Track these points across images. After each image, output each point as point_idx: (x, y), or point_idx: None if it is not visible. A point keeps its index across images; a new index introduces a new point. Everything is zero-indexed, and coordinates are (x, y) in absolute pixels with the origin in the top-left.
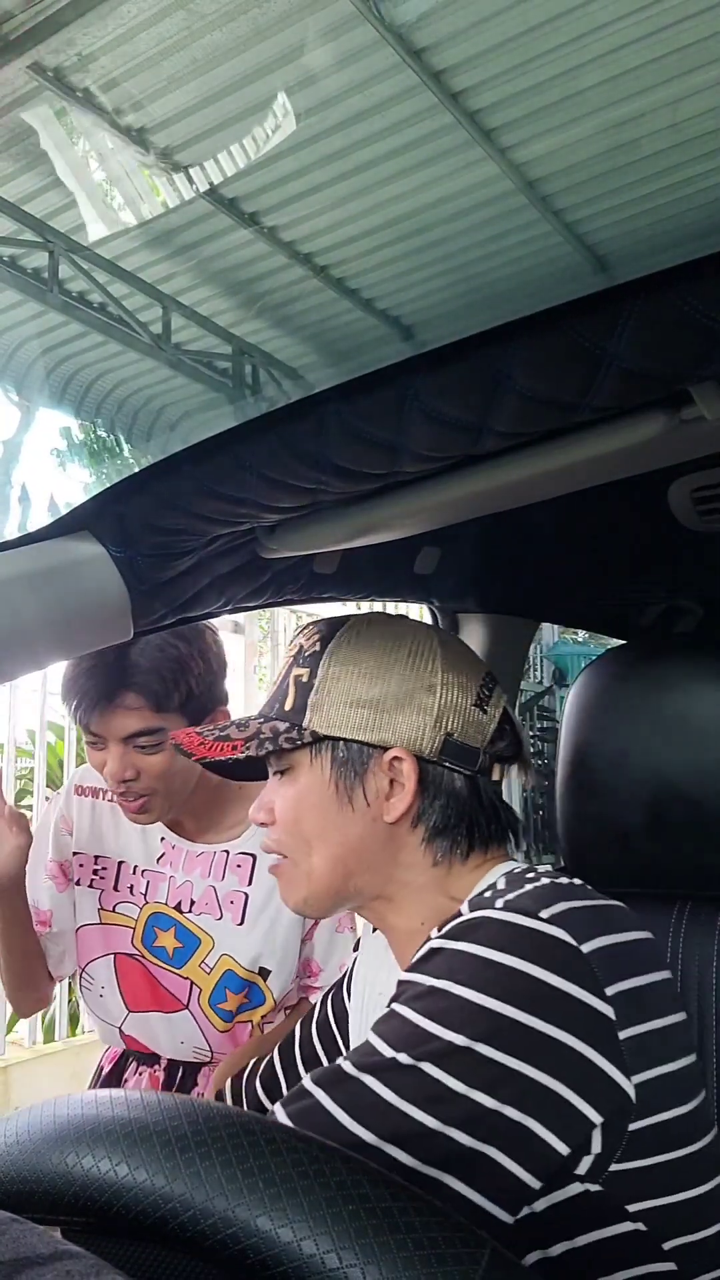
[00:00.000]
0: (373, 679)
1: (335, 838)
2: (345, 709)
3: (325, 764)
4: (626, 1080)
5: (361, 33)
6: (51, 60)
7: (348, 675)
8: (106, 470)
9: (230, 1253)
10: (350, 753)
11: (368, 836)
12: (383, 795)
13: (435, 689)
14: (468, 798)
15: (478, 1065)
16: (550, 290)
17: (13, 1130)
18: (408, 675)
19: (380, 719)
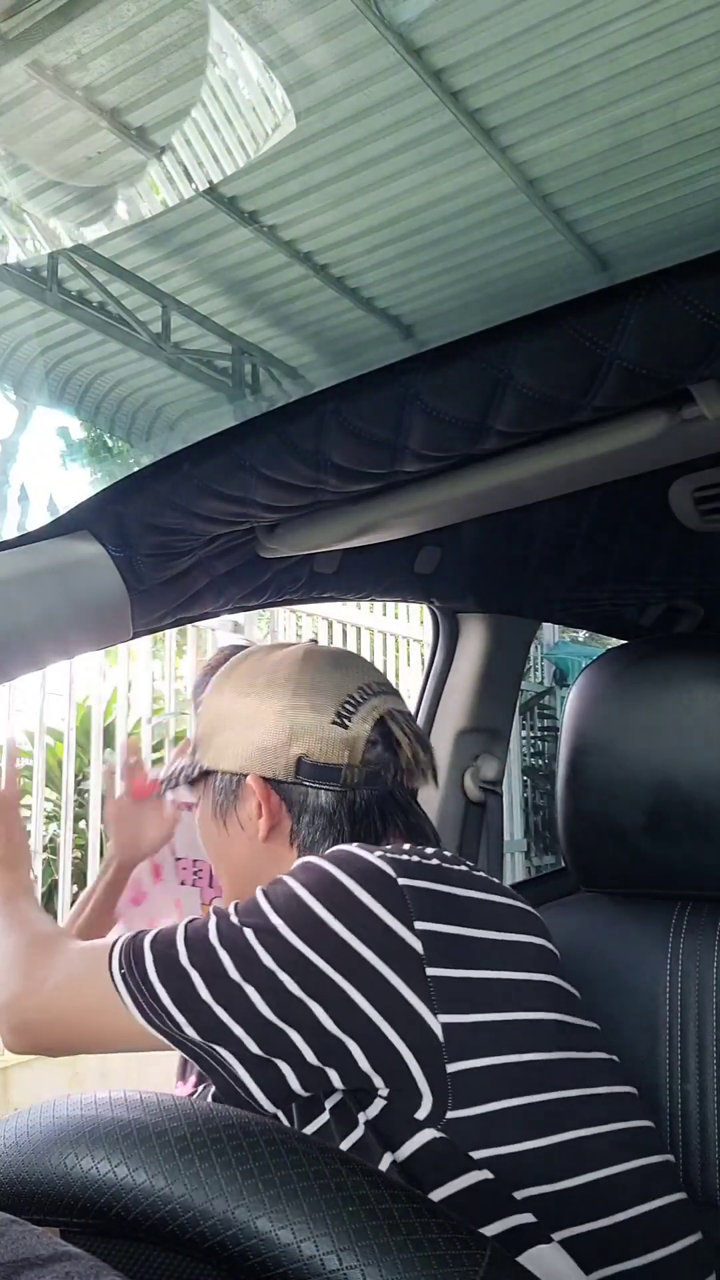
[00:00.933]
0: (232, 711)
1: (228, 858)
2: (217, 741)
3: (210, 794)
4: (434, 1019)
5: (361, 31)
6: (51, 59)
7: (216, 710)
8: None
9: (230, 1254)
10: (223, 782)
11: (250, 855)
12: (253, 817)
13: (284, 713)
14: (334, 812)
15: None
16: (551, 289)
17: (13, 1131)
18: (260, 704)
19: (237, 748)
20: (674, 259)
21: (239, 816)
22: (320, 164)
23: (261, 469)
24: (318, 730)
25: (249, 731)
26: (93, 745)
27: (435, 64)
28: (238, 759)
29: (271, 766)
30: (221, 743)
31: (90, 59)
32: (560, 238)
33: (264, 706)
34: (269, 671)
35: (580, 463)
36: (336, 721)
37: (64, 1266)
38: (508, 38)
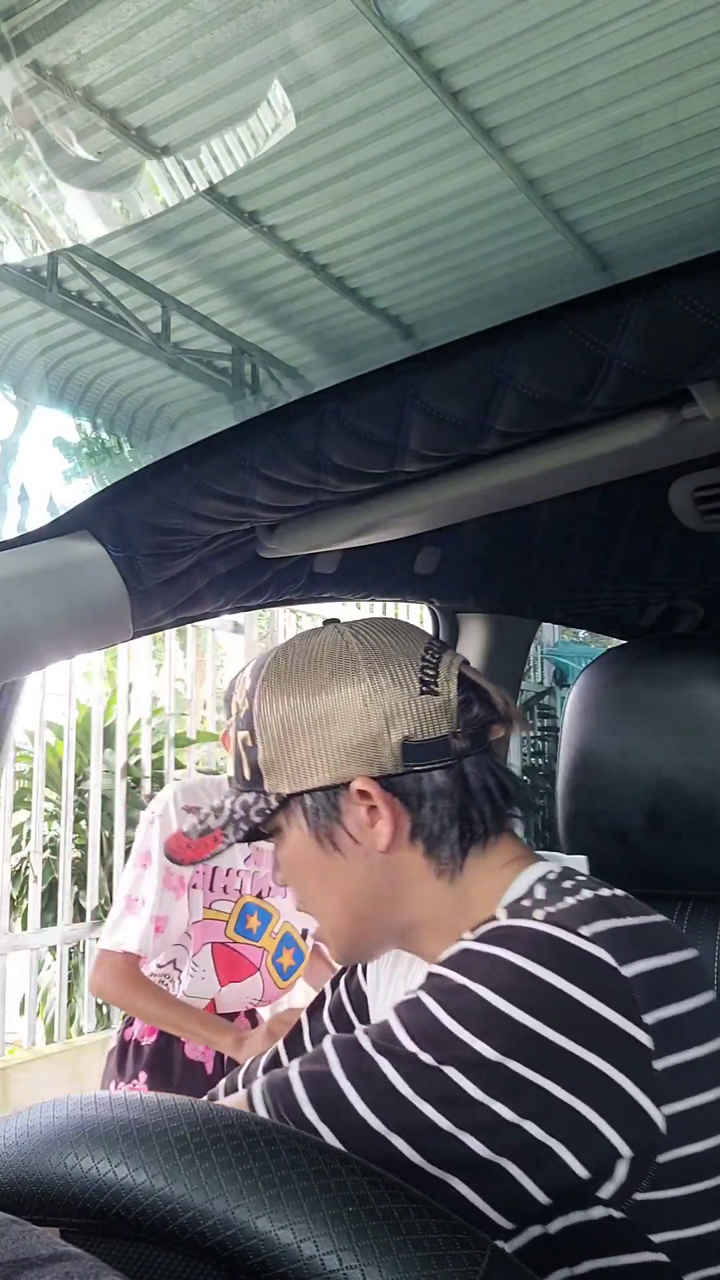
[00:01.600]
0: (302, 718)
1: (338, 886)
2: (292, 760)
3: (300, 821)
4: (658, 1111)
5: (361, 31)
6: (51, 59)
7: (279, 725)
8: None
9: (230, 1254)
10: (318, 801)
11: (369, 873)
12: (366, 827)
13: (369, 698)
14: (455, 790)
15: (504, 1079)
16: (550, 289)
17: (12, 1131)
18: (335, 698)
19: (327, 757)
20: (674, 259)
21: (348, 832)
22: (320, 164)
23: (261, 469)
24: (411, 705)
25: (333, 732)
26: (93, 745)
27: (435, 64)
28: (330, 768)
29: (376, 761)
30: (300, 758)
31: (90, 59)
32: (560, 238)
33: (341, 699)
34: (326, 661)
35: (580, 463)
36: (425, 690)
37: (64, 1266)
38: (508, 38)
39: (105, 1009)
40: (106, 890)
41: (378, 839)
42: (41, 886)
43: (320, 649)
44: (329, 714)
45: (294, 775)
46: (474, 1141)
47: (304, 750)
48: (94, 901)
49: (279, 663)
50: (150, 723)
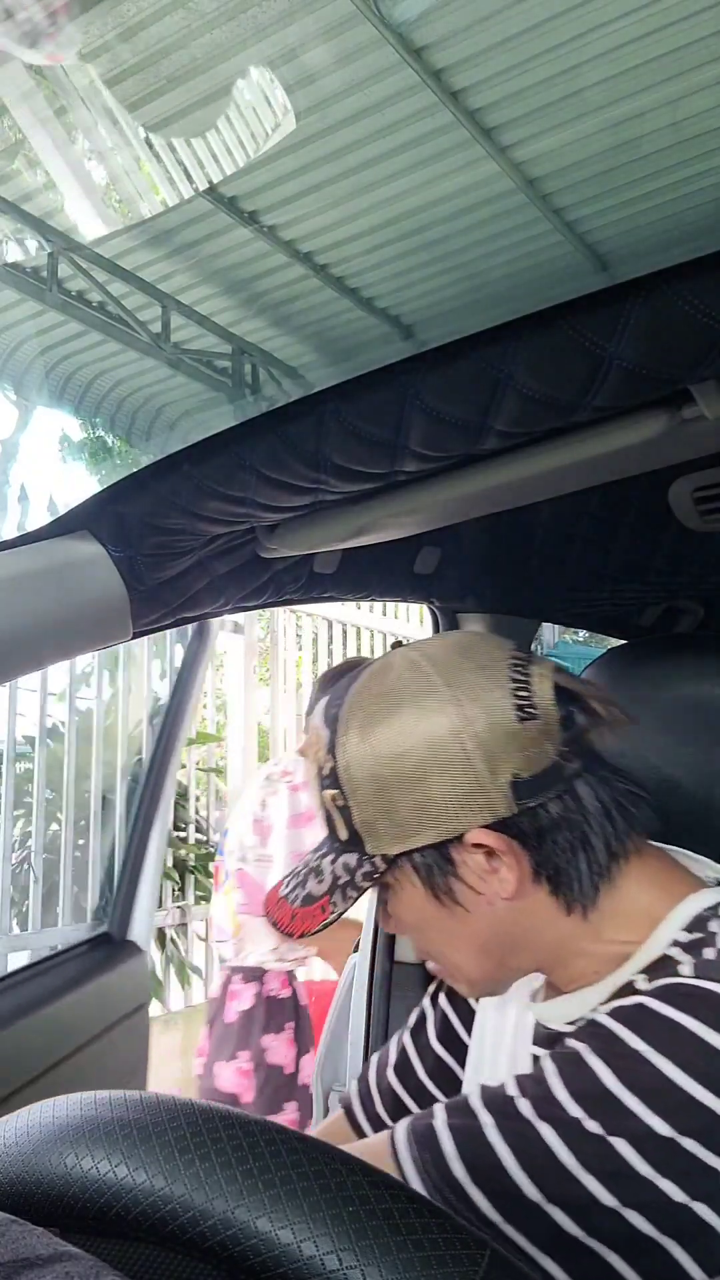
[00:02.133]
0: (396, 773)
1: (465, 939)
2: (395, 820)
3: (412, 879)
4: None
5: (361, 31)
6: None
7: (371, 783)
8: (106, 470)
9: (230, 1254)
10: (428, 857)
11: (496, 924)
12: (486, 874)
13: (464, 741)
14: (573, 818)
15: (679, 1157)
16: (550, 289)
17: (12, 1131)
18: (427, 746)
19: (434, 812)
20: (674, 259)
21: (467, 884)
22: (320, 164)
23: (261, 469)
24: (512, 739)
25: (433, 784)
26: (93, 746)
27: (435, 64)
28: (437, 824)
29: (487, 808)
30: (402, 817)
31: (90, 59)
32: (560, 238)
33: (434, 746)
34: (408, 702)
35: (580, 463)
36: (523, 716)
37: (64, 1266)
38: (508, 38)
39: None
40: (107, 891)
41: (503, 886)
42: (42, 888)
43: (399, 688)
44: (424, 765)
45: (398, 835)
46: (639, 1219)
47: (405, 809)
48: (94, 902)
49: (356, 710)
50: (152, 722)
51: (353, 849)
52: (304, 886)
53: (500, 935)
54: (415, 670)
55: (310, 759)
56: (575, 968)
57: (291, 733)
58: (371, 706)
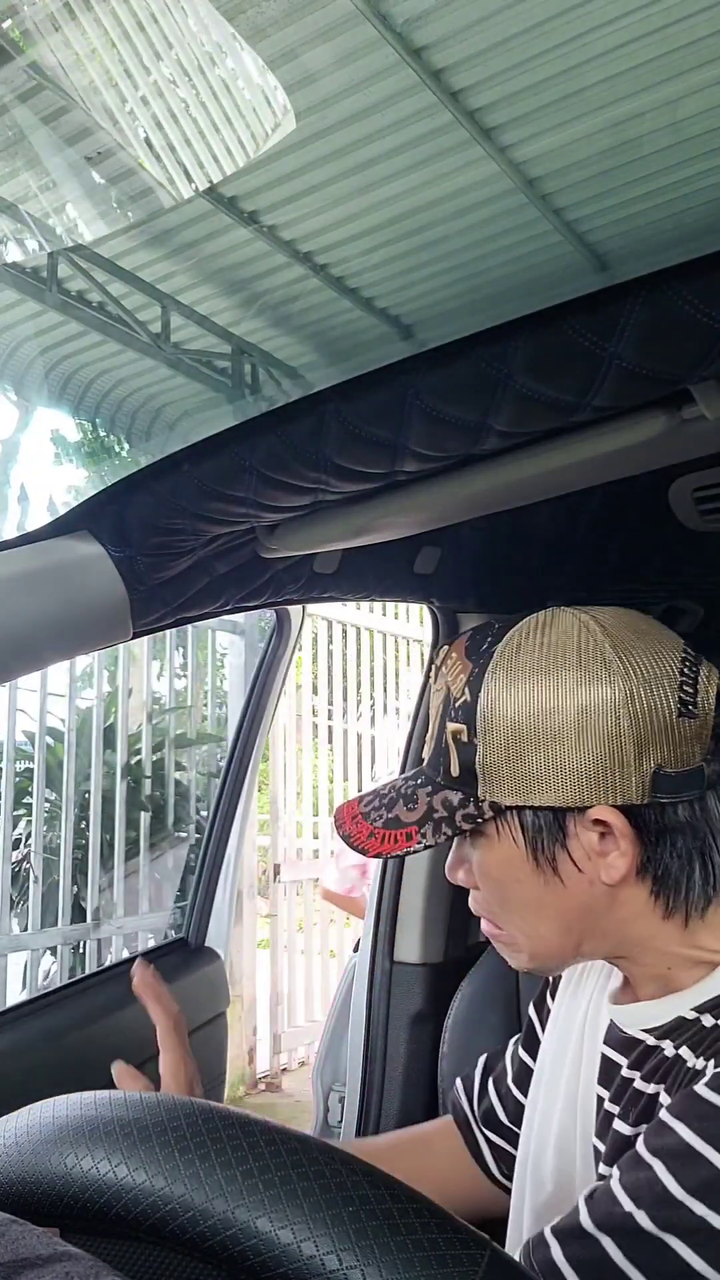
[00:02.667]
0: (541, 726)
1: (553, 911)
2: (521, 770)
3: (516, 834)
4: None
5: (361, 31)
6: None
7: (509, 727)
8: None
9: (230, 1254)
10: (542, 819)
11: (590, 904)
12: (594, 854)
13: (623, 716)
14: (698, 826)
15: None
16: (550, 290)
17: (12, 1130)
18: (584, 711)
19: (567, 776)
20: (674, 259)
21: (573, 858)
22: (320, 164)
23: (261, 469)
24: (668, 729)
25: (576, 749)
26: (93, 746)
27: (435, 64)
28: (566, 788)
29: (621, 789)
30: (530, 770)
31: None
32: (560, 238)
33: (592, 714)
34: (574, 663)
35: (580, 463)
36: (684, 713)
37: (64, 1266)
38: (507, 38)
39: None
40: (107, 891)
41: (608, 871)
42: (42, 889)
43: (566, 645)
44: (572, 727)
45: (519, 787)
46: None
47: (536, 763)
48: (94, 902)
49: (513, 652)
50: (151, 721)
51: (460, 788)
52: (390, 810)
53: (587, 917)
54: (586, 632)
55: (441, 686)
56: (652, 966)
57: (291, 733)
58: (532, 654)
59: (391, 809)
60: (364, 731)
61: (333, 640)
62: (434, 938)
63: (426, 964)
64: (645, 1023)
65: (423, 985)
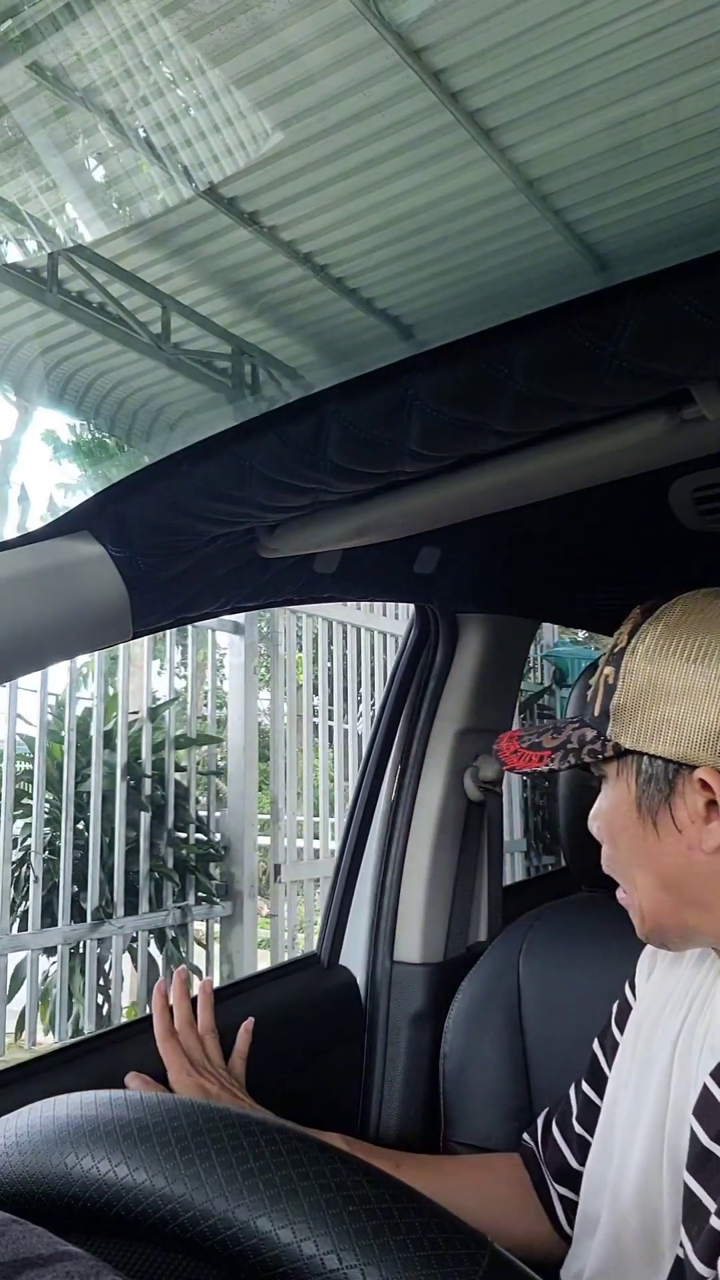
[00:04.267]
0: (675, 679)
1: (652, 865)
2: (647, 716)
3: (630, 780)
4: None
5: (361, 32)
6: (51, 60)
7: (648, 675)
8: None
9: (230, 1254)
10: (655, 769)
11: (688, 867)
12: (698, 818)
13: None
14: None
15: None
16: (550, 290)
17: (13, 1130)
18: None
19: (687, 728)
20: (674, 259)
21: (675, 818)
22: (320, 165)
23: (262, 469)
24: None
25: (701, 707)
26: (93, 747)
27: (435, 65)
28: (681, 742)
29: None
30: (655, 718)
31: (89, 60)
32: (560, 238)
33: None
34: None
35: (580, 463)
36: None
37: (64, 1266)
38: (508, 38)
39: (105, 1009)
40: (107, 891)
41: (707, 838)
42: (42, 890)
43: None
44: (705, 687)
45: (641, 732)
46: None
47: (662, 712)
48: (94, 902)
49: (676, 612)
50: (151, 719)
51: (596, 726)
52: (538, 735)
53: (686, 881)
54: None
55: (613, 640)
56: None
57: (291, 733)
58: (693, 617)
59: (540, 735)
60: (364, 731)
61: (333, 640)
62: (434, 938)
63: (426, 964)
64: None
65: (423, 985)
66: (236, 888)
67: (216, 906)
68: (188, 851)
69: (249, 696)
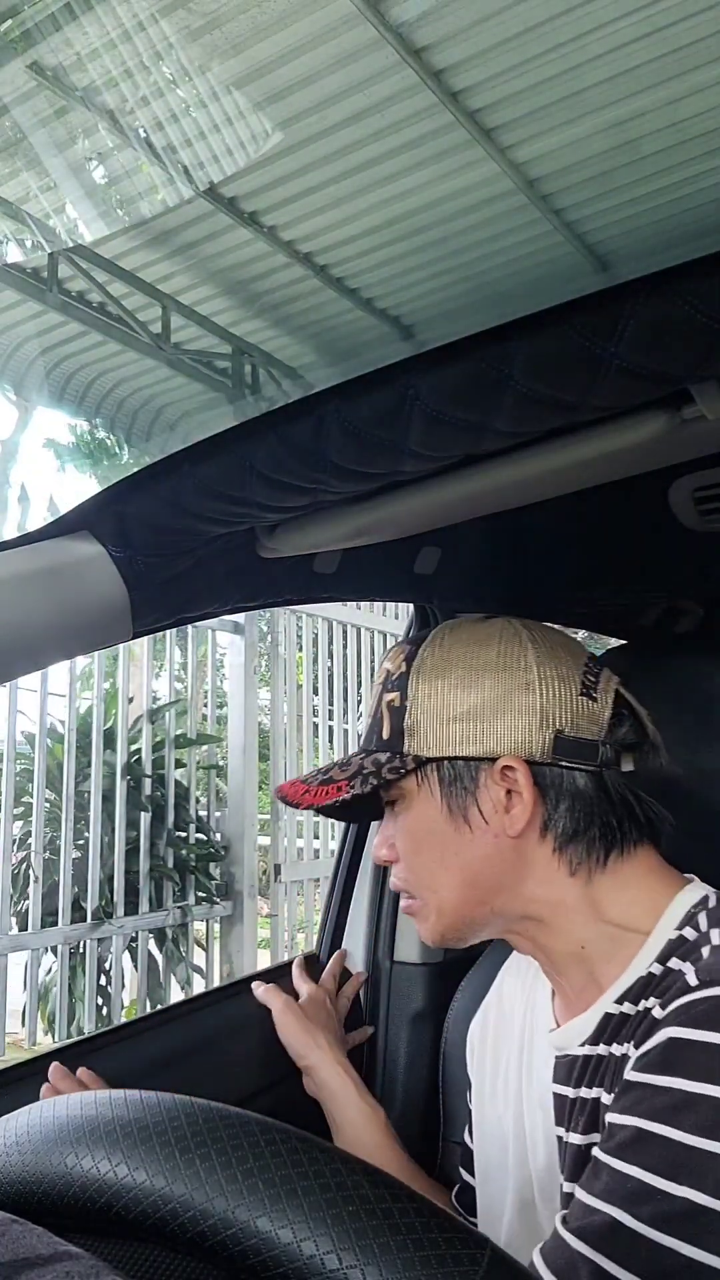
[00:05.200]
0: (465, 689)
1: (459, 862)
2: (443, 726)
3: (434, 787)
4: None
5: (361, 32)
6: (51, 60)
7: (438, 690)
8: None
9: (230, 1253)
10: (457, 770)
11: (494, 855)
12: (500, 808)
13: (532, 685)
14: (594, 796)
15: None
16: (550, 290)
17: (13, 1130)
18: (500, 677)
19: (481, 729)
20: (674, 259)
21: (481, 810)
22: (320, 165)
23: (261, 469)
24: (570, 702)
25: (491, 707)
26: (93, 747)
27: (435, 65)
28: (480, 740)
29: (526, 745)
30: (449, 725)
31: (89, 60)
32: (560, 238)
33: (505, 678)
34: (496, 642)
35: (580, 463)
36: (584, 693)
37: (64, 1266)
38: (508, 38)
39: (105, 1009)
40: (107, 891)
41: (512, 823)
42: (42, 889)
43: (491, 631)
44: (491, 690)
45: (440, 740)
46: None
47: (456, 719)
48: (94, 902)
49: (446, 635)
50: (151, 719)
51: (388, 748)
52: (324, 773)
53: (493, 870)
54: (508, 623)
55: (382, 672)
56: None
57: (291, 733)
58: (463, 635)
59: (327, 772)
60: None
61: (333, 640)
62: None
63: (426, 964)
64: (586, 1033)
65: (423, 985)
66: (236, 887)
67: (216, 906)
68: (188, 851)
69: (249, 696)
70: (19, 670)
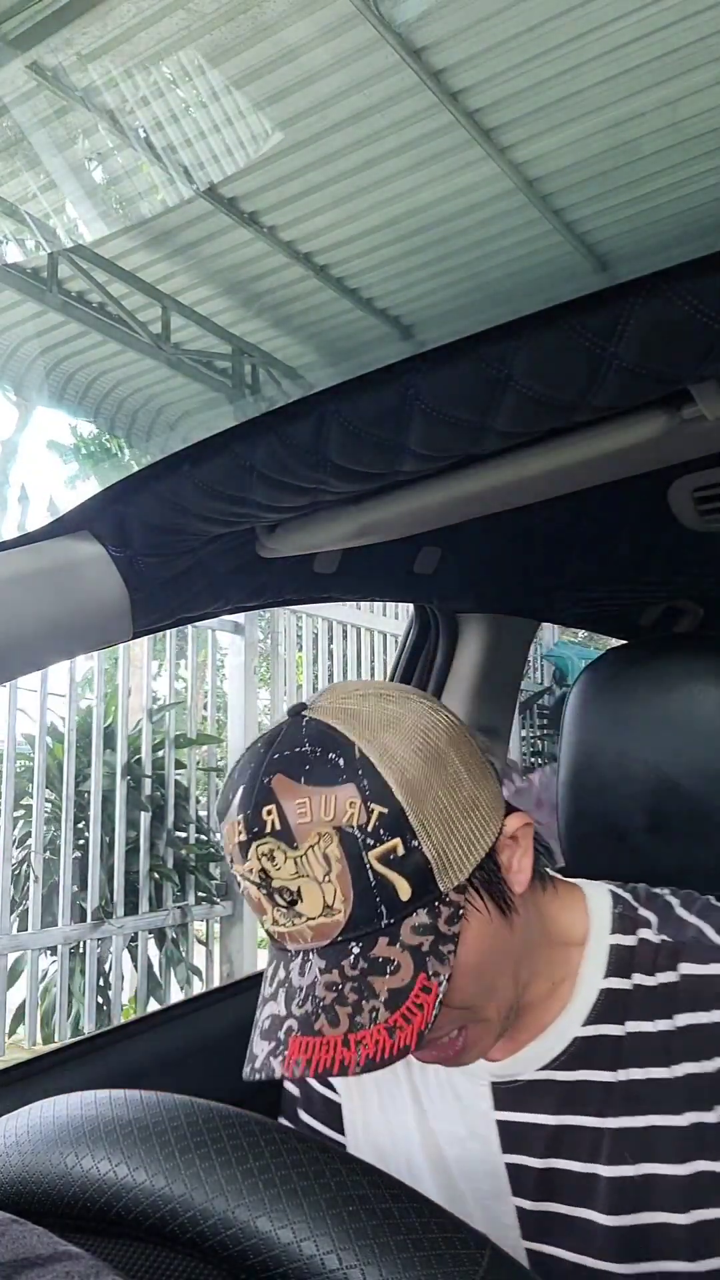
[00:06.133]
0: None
1: (511, 957)
2: (460, 838)
3: (479, 902)
4: None
5: (361, 32)
6: (51, 60)
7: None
8: (106, 470)
9: (230, 1254)
10: (487, 868)
11: (527, 923)
12: (518, 866)
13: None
14: None
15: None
16: (550, 290)
17: (13, 1130)
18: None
19: (484, 810)
20: (674, 259)
21: (510, 886)
22: (320, 165)
23: (261, 469)
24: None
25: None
26: (93, 747)
27: (435, 65)
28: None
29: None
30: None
31: (89, 60)
32: (560, 238)
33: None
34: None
35: (580, 463)
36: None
37: (64, 1266)
38: (508, 38)
39: (106, 1009)
40: (107, 891)
41: (523, 875)
42: (42, 889)
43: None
44: (460, 762)
45: (466, 853)
46: None
47: (465, 821)
48: (94, 902)
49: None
50: (151, 719)
51: (419, 903)
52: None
53: (526, 940)
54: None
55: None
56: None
57: None
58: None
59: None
60: None
61: (333, 640)
62: None
63: None
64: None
65: None
66: (236, 888)
67: (216, 906)
68: (188, 851)
69: (249, 696)
70: (19, 670)
